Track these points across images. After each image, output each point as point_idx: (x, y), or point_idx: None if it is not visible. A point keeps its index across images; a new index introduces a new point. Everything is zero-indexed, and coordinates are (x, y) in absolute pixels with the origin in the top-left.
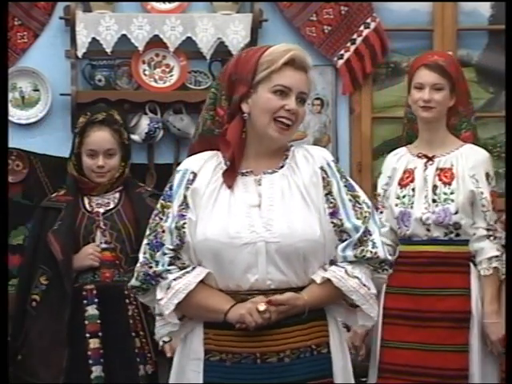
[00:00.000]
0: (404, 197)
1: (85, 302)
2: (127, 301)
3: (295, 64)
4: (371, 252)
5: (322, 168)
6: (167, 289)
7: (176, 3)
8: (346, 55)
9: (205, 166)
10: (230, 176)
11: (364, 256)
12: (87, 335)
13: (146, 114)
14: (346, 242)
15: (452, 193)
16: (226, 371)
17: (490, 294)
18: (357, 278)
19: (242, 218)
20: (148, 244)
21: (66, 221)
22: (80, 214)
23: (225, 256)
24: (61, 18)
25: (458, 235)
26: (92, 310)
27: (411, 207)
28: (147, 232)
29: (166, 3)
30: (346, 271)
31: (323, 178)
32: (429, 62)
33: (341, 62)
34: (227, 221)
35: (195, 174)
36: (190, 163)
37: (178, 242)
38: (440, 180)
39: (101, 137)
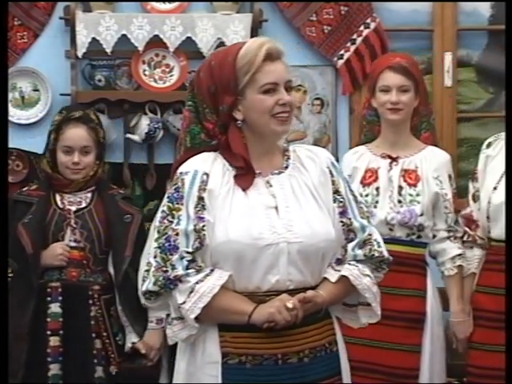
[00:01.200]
0: (367, 195)
1: (48, 299)
2: (91, 301)
3: (272, 56)
4: (378, 251)
5: (328, 168)
6: (190, 292)
7: (176, 3)
8: (346, 55)
9: (213, 166)
10: (247, 180)
11: (373, 255)
12: (48, 332)
13: (145, 114)
14: (355, 242)
15: (418, 194)
16: (246, 373)
17: (455, 293)
18: (369, 276)
19: (262, 220)
20: (159, 247)
21: (36, 215)
22: (51, 211)
23: (247, 257)
24: (61, 18)
25: (419, 237)
26: (55, 308)
27: (375, 206)
28: (156, 235)
29: (166, 3)
30: (359, 269)
31: (330, 178)
32: (393, 64)
33: (341, 62)
34: (248, 222)
35: (208, 175)
36: (197, 165)
37: (197, 244)
38: (405, 181)
39: (77, 134)
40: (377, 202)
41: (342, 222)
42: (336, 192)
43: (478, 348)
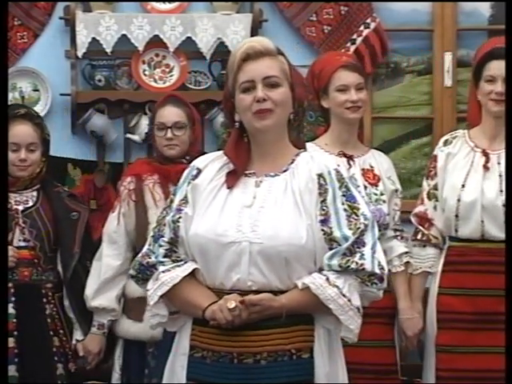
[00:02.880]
0: None
1: None
2: (45, 300)
3: (252, 56)
4: (357, 263)
5: (320, 175)
6: (155, 280)
7: (176, 3)
8: None
9: (211, 164)
10: (233, 178)
11: (348, 266)
12: None
13: (145, 114)
14: (333, 251)
15: (382, 194)
16: (206, 368)
17: (403, 290)
18: (337, 287)
19: (232, 217)
20: (152, 236)
21: None
22: None
23: (211, 252)
24: (61, 18)
25: (383, 235)
26: (9, 309)
27: None
28: (154, 225)
29: (166, 3)
30: (327, 279)
31: (320, 185)
32: (346, 64)
33: None
34: (217, 219)
35: (199, 171)
36: (198, 160)
37: (172, 235)
38: (366, 180)
39: (23, 130)
40: None
41: (322, 230)
42: (323, 200)
43: (448, 351)
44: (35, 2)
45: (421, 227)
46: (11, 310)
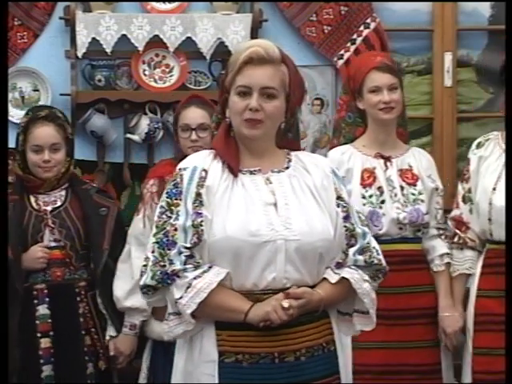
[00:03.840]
0: (371, 196)
1: (35, 301)
2: (78, 298)
3: (254, 61)
4: (377, 259)
5: (331, 173)
6: (187, 288)
7: (176, 3)
8: (346, 55)
9: (213, 163)
10: (231, 169)
11: (372, 262)
12: (38, 335)
13: (145, 114)
14: (356, 247)
15: (420, 193)
16: (243, 372)
17: (443, 288)
18: (368, 282)
19: (260, 216)
20: (157, 242)
21: (13, 220)
22: (27, 213)
23: (244, 253)
24: (61, 18)
25: (423, 234)
26: (43, 310)
27: (380, 207)
28: (154, 230)
29: (166, 3)
30: (359, 274)
31: (333, 183)
32: (379, 65)
33: (341, 62)
34: (246, 218)
35: (206, 172)
36: (197, 161)
37: (195, 240)
38: (404, 181)
39: (45, 132)
40: (382, 202)
41: (345, 226)
42: (339, 197)
43: (485, 353)
44: (35, 1)
45: (457, 231)
46: (46, 310)
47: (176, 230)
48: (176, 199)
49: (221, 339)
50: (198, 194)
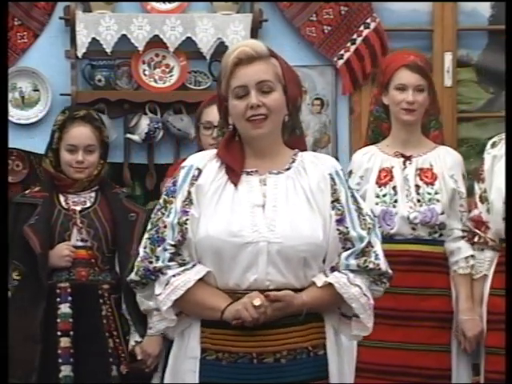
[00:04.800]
0: (385, 195)
1: (58, 299)
2: (101, 300)
3: (243, 61)
4: (374, 263)
5: (330, 175)
6: (166, 285)
7: (176, 3)
8: (346, 55)
9: (210, 163)
10: (235, 176)
11: (367, 266)
12: (58, 333)
13: (145, 114)
14: (350, 251)
15: (437, 193)
16: (222, 371)
17: (465, 291)
18: (358, 286)
19: (245, 217)
20: (149, 238)
21: (42, 216)
22: (56, 211)
23: (226, 254)
24: (61, 18)
25: (440, 235)
26: (65, 309)
27: (393, 206)
28: (149, 226)
29: (166, 3)
30: (348, 278)
31: (331, 186)
32: (409, 63)
33: (341, 62)
34: (230, 219)
35: (200, 171)
36: (195, 160)
37: (179, 237)
38: (421, 180)
39: (82, 132)
40: (395, 201)
41: (338, 229)
42: (336, 200)
43: (496, 353)
44: (35, 1)
45: (477, 231)
46: (67, 309)
47: (165, 227)
48: (171, 197)
49: (204, 336)
50: (189, 193)
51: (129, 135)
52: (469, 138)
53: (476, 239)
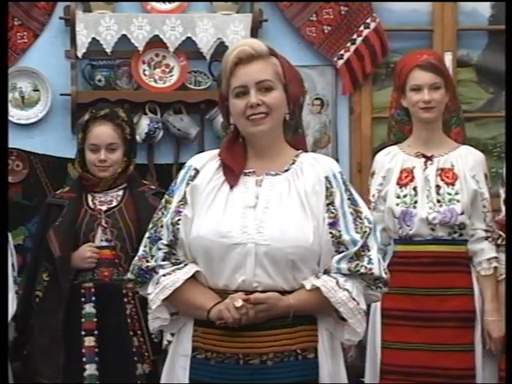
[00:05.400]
0: (405, 196)
1: (82, 299)
2: (125, 300)
3: (243, 60)
4: (366, 267)
5: (326, 178)
6: (156, 284)
7: (176, 3)
8: (346, 55)
9: (208, 163)
10: (233, 177)
11: (358, 271)
12: (83, 333)
13: (145, 114)
14: (341, 254)
15: (457, 193)
16: (210, 370)
17: (490, 292)
18: (347, 290)
19: (236, 218)
20: (149, 238)
21: (67, 217)
22: (82, 211)
23: (215, 254)
24: (61, 18)
25: (460, 235)
26: (89, 308)
27: (414, 207)
28: (150, 225)
29: (166, 3)
30: (337, 282)
31: (327, 188)
32: (422, 63)
33: (341, 62)
34: (221, 219)
35: (197, 171)
36: (194, 160)
37: (171, 237)
38: (442, 180)
39: (102, 131)
40: (415, 201)
41: (331, 233)
42: (330, 203)
43: (503, 351)
44: (35, 1)
45: (502, 233)
46: (92, 309)
47: (162, 226)
48: (171, 196)
49: (196, 335)
50: (185, 193)
51: None
52: (469, 138)
53: (500, 241)
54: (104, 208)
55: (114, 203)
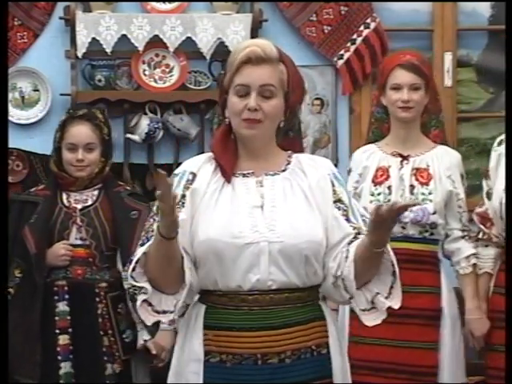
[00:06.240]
0: (379, 194)
1: (56, 297)
2: (97, 299)
3: (252, 60)
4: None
5: (329, 175)
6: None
7: (176, 3)
8: (346, 55)
9: (203, 166)
10: (227, 174)
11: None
12: (57, 331)
13: (145, 114)
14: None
15: (430, 193)
16: (227, 372)
17: (470, 290)
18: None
19: (244, 218)
20: (141, 244)
21: (42, 215)
22: (57, 209)
23: (227, 255)
24: (61, 18)
25: (431, 234)
26: (63, 306)
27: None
28: (142, 233)
29: (166, 3)
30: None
31: (332, 184)
32: (404, 62)
33: (341, 62)
34: (230, 221)
35: (194, 175)
36: (187, 165)
37: None
38: (417, 180)
39: (81, 131)
40: (389, 200)
41: (351, 226)
42: (339, 200)
43: (497, 350)
44: (35, 1)
45: (482, 226)
46: (65, 307)
47: (153, 231)
48: None
49: (207, 339)
50: (183, 196)
51: (129, 135)
52: (469, 138)
53: (480, 235)
54: (79, 206)
55: (90, 202)
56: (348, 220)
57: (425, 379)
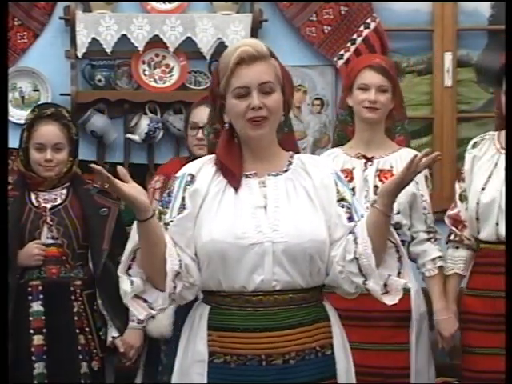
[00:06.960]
0: None
1: (30, 297)
2: (73, 297)
3: (246, 60)
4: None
5: (332, 174)
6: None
7: (176, 3)
8: (346, 55)
9: (203, 168)
10: (235, 179)
11: None
12: (31, 331)
13: (145, 114)
14: None
15: None
16: (231, 373)
17: (437, 291)
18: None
19: (248, 219)
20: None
21: (12, 215)
22: (26, 209)
23: (231, 256)
24: (61, 18)
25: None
26: (37, 306)
27: None
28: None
29: (166, 3)
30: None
31: (336, 183)
32: (373, 64)
33: (341, 62)
34: (233, 222)
35: (193, 176)
36: (187, 168)
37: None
38: (380, 181)
39: (49, 130)
40: None
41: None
42: (342, 199)
43: (471, 352)
44: (35, 1)
45: (454, 228)
46: (39, 307)
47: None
48: (165, 207)
49: (211, 340)
50: (183, 198)
51: (129, 135)
52: (469, 138)
53: (452, 237)
54: (49, 206)
55: (59, 201)
56: (351, 219)
57: (398, 381)
